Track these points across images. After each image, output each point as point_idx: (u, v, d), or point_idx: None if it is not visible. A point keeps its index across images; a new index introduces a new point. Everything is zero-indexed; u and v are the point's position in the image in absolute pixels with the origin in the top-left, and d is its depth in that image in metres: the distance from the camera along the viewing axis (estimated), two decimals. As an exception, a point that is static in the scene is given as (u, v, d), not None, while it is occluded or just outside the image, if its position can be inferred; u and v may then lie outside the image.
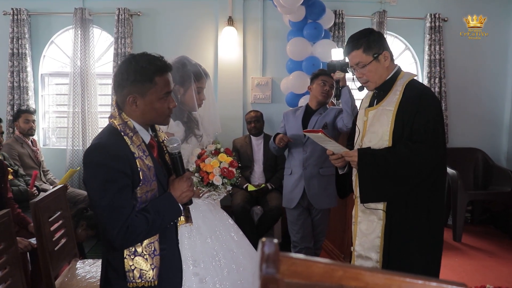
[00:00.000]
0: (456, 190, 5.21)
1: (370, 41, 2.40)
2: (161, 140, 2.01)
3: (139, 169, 1.76)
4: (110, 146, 1.75)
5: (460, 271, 4.36)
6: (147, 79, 1.79)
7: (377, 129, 2.41)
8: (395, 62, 2.54)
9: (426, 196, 2.36)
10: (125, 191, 1.73)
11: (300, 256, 0.70)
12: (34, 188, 4.51)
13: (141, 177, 1.76)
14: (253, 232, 4.79)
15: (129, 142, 1.78)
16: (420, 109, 2.30)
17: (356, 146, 2.52)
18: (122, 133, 1.79)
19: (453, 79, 6.14)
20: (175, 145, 1.89)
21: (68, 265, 3.17)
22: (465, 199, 5.27)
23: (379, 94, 2.49)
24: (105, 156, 1.73)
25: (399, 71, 2.48)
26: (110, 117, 1.86)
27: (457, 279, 4.14)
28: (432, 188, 2.37)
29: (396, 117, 2.34)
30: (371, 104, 2.53)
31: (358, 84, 2.59)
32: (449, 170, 5.10)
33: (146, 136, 1.89)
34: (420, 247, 2.37)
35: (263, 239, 0.69)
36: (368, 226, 2.46)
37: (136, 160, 1.76)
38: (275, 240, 0.69)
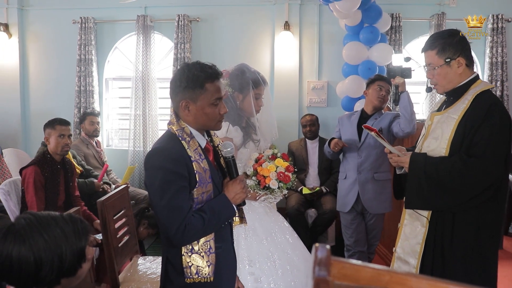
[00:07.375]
0: (517, 197, 5.03)
1: (446, 44, 2.32)
2: (216, 145, 2.11)
3: (195, 171, 1.86)
4: (168, 150, 1.87)
5: (521, 282, 4.22)
6: (198, 85, 1.89)
7: (438, 135, 2.36)
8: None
9: (478, 212, 2.27)
10: (183, 192, 1.84)
11: (350, 260, 0.77)
12: (102, 182, 4.76)
13: (197, 179, 1.87)
14: (307, 235, 4.84)
15: (186, 146, 1.89)
16: (484, 122, 2.21)
17: (417, 149, 2.50)
18: (180, 138, 1.91)
19: (516, 82, 5.93)
20: (228, 149, 1.99)
21: (130, 261, 3.34)
22: (528, 207, 5.07)
23: (448, 99, 2.44)
24: (164, 159, 1.85)
25: (475, 79, 2.37)
26: (169, 124, 1.98)
27: (517, 289, 4.02)
28: (486, 206, 2.27)
29: (458, 126, 2.27)
30: (439, 109, 2.48)
31: (428, 84, 2.55)
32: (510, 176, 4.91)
33: (202, 141, 2.00)
34: (466, 266, 2.29)
35: (317, 244, 0.76)
36: (411, 230, 2.45)
37: (193, 163, 1.87)
38: (328, 246, 0.76)
